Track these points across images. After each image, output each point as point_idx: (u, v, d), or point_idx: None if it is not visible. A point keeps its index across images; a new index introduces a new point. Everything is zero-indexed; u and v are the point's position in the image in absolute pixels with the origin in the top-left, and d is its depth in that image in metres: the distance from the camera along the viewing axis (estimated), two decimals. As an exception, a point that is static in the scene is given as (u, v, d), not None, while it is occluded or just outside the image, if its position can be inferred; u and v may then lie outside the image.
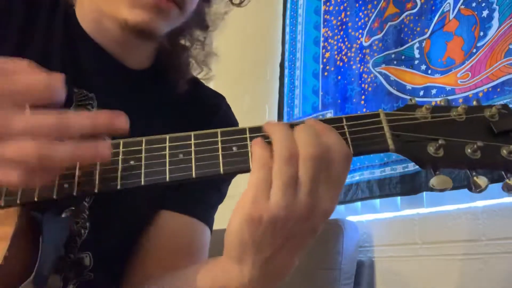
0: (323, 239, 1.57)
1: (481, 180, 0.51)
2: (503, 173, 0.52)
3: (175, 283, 0.67)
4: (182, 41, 0.86)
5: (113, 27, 0.74)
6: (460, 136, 0.53)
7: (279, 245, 0.52)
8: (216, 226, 0.87)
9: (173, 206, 0.79)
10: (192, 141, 0.55)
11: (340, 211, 1.76)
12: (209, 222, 0.82)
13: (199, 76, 0.90)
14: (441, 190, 0.52)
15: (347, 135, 0.54)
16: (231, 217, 0.52)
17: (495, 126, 0.52)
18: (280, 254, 0.53)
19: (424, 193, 1.51)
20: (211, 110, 0.88)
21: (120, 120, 0.50)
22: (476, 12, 1.47)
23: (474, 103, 0.55)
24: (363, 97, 1.79)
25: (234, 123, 0.91)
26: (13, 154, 0.46)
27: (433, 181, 0.52)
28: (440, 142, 0.52)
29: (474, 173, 0.52)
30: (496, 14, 1.41)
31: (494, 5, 1.42)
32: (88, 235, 0.71)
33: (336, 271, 1.51)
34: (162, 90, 0.83)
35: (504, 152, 0.51)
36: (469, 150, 0.52)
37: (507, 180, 0.51)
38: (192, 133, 0.55)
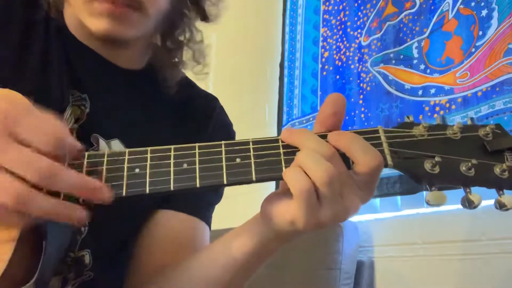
0: (323, 239, 1.57)
1: (475, 197, 0.52)
2: (495, 190, 0.53)
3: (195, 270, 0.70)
4: (181, 37, 0.85)
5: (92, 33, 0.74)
6: (456, 154, 0.54)
7: None
8: (216, 226, 0.88)
9: (173, 205, 0.80)
10: (197, 151, 0.56)
11: (340, 211, 1.75)
12: (208, 220, 0.84)
13: (195, 71, 0.90)
14: (436, 206, 0.54)
15: None
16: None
17: (488, 145, 0.54)
18: None
19: (424, 192, 1.51)
20: (206, 112, 0.88)
21: (103, 195, 0.51)
22: (475, 12, 1.47)
23: (469, 122, 0.56)
24: (361, 96, 1.79)
25: (229, 124, 0.92)
26: None
27: (429, 197, 0.54)
28: (436, 159, 0.53)
29: (468, 190, 0.53)
30: (495, 14, 1.41)
31: (493, 5, 1.42)
32: (87, 232, 0.72)
33: (336, 271, 1.51)
34: (156, 90, 0.83)
35: (497, 170, 0.53)
36: (463, 168, 0.53)
37: (499, 197, 0.52)
38: (197, 144, 0.56)
